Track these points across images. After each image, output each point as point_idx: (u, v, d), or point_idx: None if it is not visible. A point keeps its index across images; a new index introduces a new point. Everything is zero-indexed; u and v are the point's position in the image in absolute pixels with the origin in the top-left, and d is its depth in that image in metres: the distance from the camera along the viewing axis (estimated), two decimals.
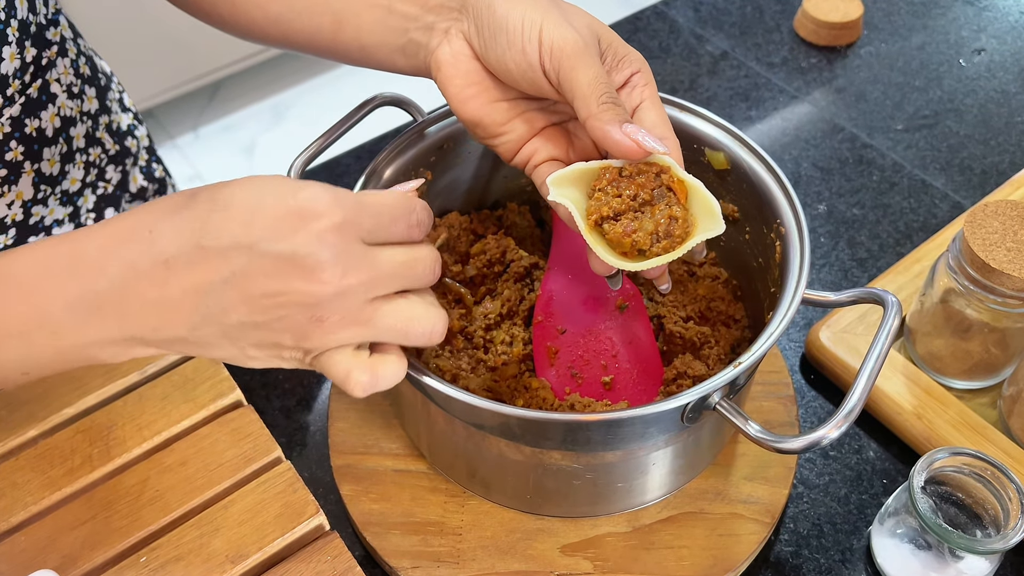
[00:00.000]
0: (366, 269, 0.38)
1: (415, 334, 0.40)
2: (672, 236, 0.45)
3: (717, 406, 0.48)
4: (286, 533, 0.51)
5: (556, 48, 0.45)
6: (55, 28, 0.63)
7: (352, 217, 0.38)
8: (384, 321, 0.39)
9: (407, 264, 0.40)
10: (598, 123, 0.44)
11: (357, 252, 0.38)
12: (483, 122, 0.50)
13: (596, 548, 0.57)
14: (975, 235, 0.59)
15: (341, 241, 0.37)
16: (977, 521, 0.56)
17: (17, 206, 0.62)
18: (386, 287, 0.39)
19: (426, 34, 0.51)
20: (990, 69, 0.94)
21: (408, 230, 0.40)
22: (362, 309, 0.39)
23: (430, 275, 0.41)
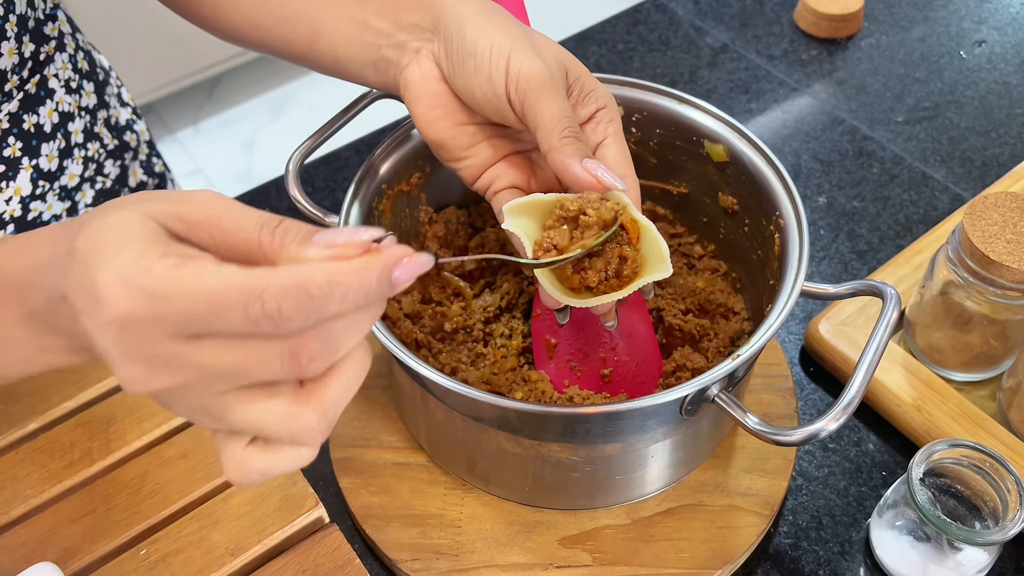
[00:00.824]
0: (178, 370, 0.31)
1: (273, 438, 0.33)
2: (620, 276, 0.46)
3: (716, 398, 0.48)
4: (286, 526, 0.51)
5: (522, 79, 0.45)
6: (53, 23, 0.63)
7: (149, 311, 0.30)
8: (232, 421, 0.33)
9: (242, 361, 0.31)
10: (559, 156, 0.45)
11: (160, 350, 0.31)
12: (447, 144, 0.50)
13: (595, 540, 0.57)
14: (975, 227, 0.58)
15: (130, 338, 0.31)
16: (976, 513, 0.56)
17: (15, 202, 0.62)
18: (224, 384, 0.32)
19: (397, 52, 0.51)
20: (991, 61, 0.94)
21: (247, 323, 0.30)
22: (207, 402, 0.32)
23: (287, 369, 0.31)
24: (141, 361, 0.31)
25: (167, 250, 0.31)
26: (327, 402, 0.33)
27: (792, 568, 0.58)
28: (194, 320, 0.30)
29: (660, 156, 0.63)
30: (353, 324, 0.32)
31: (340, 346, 0.32)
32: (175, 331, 0.30)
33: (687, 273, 0.65)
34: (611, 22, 1.00)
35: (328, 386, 0.33)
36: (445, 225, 0.64)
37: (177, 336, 0.31)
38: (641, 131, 0.62)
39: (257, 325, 0.30)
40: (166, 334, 0.31)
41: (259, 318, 0.30)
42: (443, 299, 0.63)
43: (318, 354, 0.31)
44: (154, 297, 0.30)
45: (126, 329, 0.31)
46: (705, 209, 0.64)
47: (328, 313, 0.30)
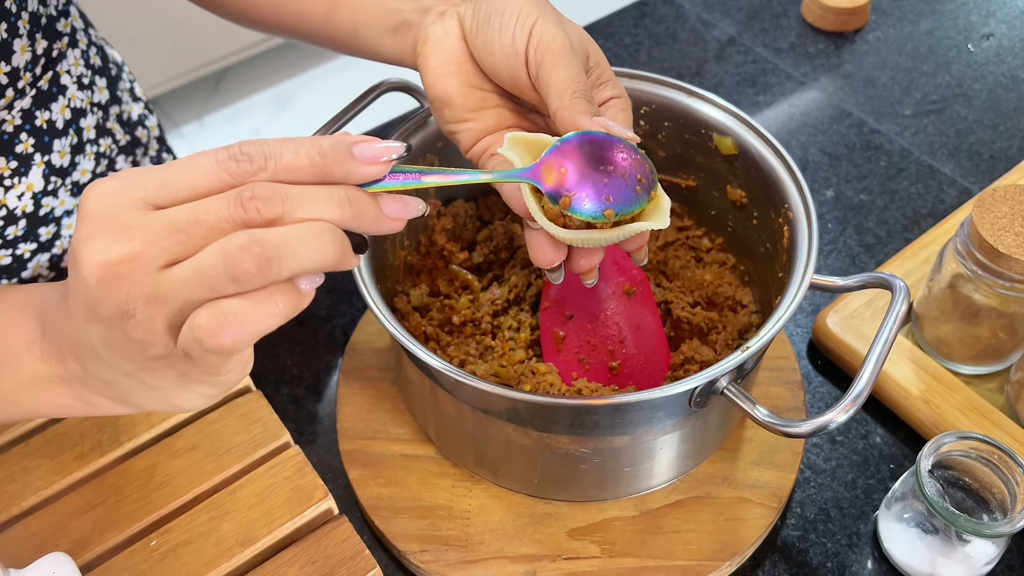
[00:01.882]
0: (137, 234, 0.32)
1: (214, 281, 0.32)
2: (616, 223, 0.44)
3: (725, 391, 0.48)
4: (295, 517, 0.51)
5: (543, 43, 0.45)
6: (65, 19, 0.63)
7: (128, 182, 0.32)
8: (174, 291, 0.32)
9: (193, 211, 0.32)
10: (567, 113, 0.44)
11: (127, 217, 0.32)
12: (454, 102, 0.50)
13: (603, 532, 0.57)
14: (984, 220, 0.58)
15: (103, 210, 0.32)
16: (984, 505, 0.56)
17: (27, 197, 0.62)
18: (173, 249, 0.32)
19: (420, 15, 0.51)
20: (999, 54, 0.94)
21: (213, 169, 0.32)
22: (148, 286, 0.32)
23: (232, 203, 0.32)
24: (107, 229, 0.33)
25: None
26: (265, 233, 0.32)
27: (800, 560, 0.58)
28: (168, 179, 0.33)
29: (668, 149, 0.63)
30: (310, 194, 0.33)
31: (290, 202, 0.33)
32: (148, 196, 0.33)
33: (695, 266, 0.65)
34: (618, 15, 1.00)
35: (269, 229, 0.32)
36: (453, 218, 0.64)
37: (148, 204, 0.33)
38: (649, 124, 0.62)
39: (222, 167, 0.33)
40: (138, 199, 0.33)
41: (224, 159, 0.33)
42: (451, 292, 0.64)
43: (263, 195, 0.32)
44: (135, 172, 0.33)
45: (101, 200, 0.33)
46: (713, 202, 0.64)
47: (283, 159, 0.33)
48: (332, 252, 0.33)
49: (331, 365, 0.69)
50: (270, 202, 0.32)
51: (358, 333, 0.68)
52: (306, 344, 0.70)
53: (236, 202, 0.32)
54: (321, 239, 0.33)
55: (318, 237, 0.33)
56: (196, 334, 0.32)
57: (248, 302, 0.32)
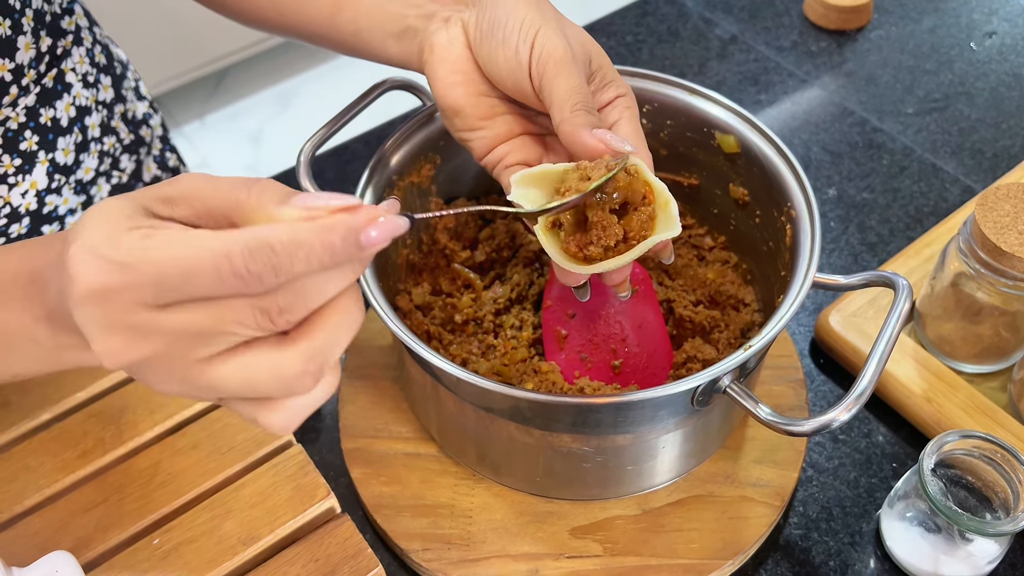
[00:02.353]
0: (154, 338, 0.32)
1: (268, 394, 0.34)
2: (628, 240, 0.45)
3: (727, 389, 0.48)
4: (297, 516, 0.51)
5: (545, 54, 0.46)
6: (70, 17, 0.63)
7: (119, 280, 0.31)
8: (222, 387, 0.33)
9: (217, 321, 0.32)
10: (568, 127, 0.45)
11: (135, 319, 0.31)
12: (464, 111, 0.50)
13: (606, 531, 0.57)
14: (986, 218, 0.58)
15: (103, 309, 0.31)
16: (987, 504, 0.56)
17: (31, 195, 0.62)
18: (202, 347, 0.32)
19: (425, 21, 0.51)
20: (1001, 52, 0.93)
21: (218, 283, 0.31)
22: (191, 372, 0.33)
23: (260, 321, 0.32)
24: (117, 332, 0.32)
25: (138, 223, 0.32)
26: (313, 347, 0.33)
27: (802, 559, 0.58)
28: (166, 286, 0.31)
29: (671, 147, 0.63)
30: (327, 279, 0.33)
31: (313, 299, 0.33)
32: (148, 299, 0.31)
33: (697, 265, 0.65)
34: (620, 14, 1.00)
35: (312, 331, 0.33)
36: (455, 217, 0.64)
37: (151, 304, 0.31)
38: (652, 122, 0.62)
39: (227, 284, 0.31)
40: (139, 302, 0.31)
41: (228, 276, 0.30)
42: (453, 291, 0.64)
43: (288, 307, 0.32)
44: (124, 267, 0.31)
45: (99, 301, 0.31)
46: (716, 200, 0.64)
47: (295, 271, 0.31)
48: (357, 329, 0.35)
49: None
50: (296, 311, 0.32)
51: (360, 331, 0.68)
52: None
53: (264, 316, 0.32)
54: (351, 328, 0.34)
55: (349, 328, 0.34)
56: (265, 426, 0.35)
57: (309, 397, 0.34)
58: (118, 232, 0.31)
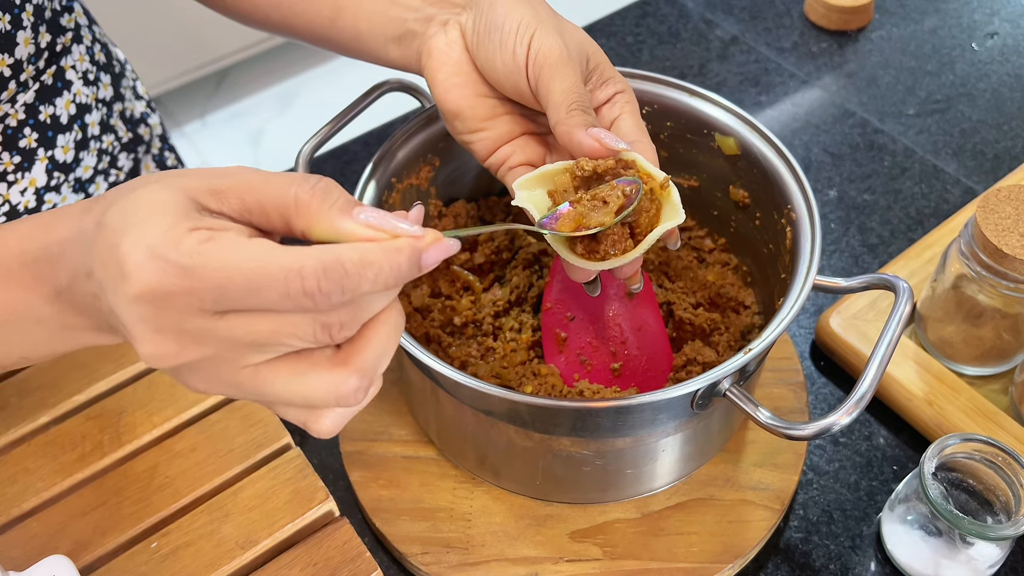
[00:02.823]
0: (208, 344, 0.31)
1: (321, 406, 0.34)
2: (635, 235, 0.46)
3: (727, 392, 0.48)
4: (296, 519, 0.51)
5: (541, 55, 0.46)
6: (70, 14, 0.63)
7: (179, 284, 0.30)
8: (271, 394, 0.33)
9: (275, 333, 0.31)
10: (564, 127, 0.45)
11: (191, 325, 0.31)
12: (465, 114, 0.50)
13: (605, 534, 0.57)
14: (988, 220, 0.58)
15: (159, 312, 0.31)
16: (988, 507, 0.56)
17: (30, 193, 0.62)
18: (256, 355, 0.32)
19: (424, 24, 0.51)
20: (1003, 53, 0.93)
21: (285, 299, 0.30)
22: (240, 376, 0.33)
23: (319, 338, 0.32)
24: (169, 336, 0.31)
25: (197, 223, 0.31)
26: (367, 362, 0.34)
27: (803, 562, 0.58)
28: (229, 295, 0.30)
29: (671, 149, 0.62)
30: (384, 295, 0.33)
31: (368, 314, 0.33)
32: (208, 305, 0.31)
33: (698, 267, 0.65)
34: (620, 14, 0.99)
35: (365, 347, 0.34)
36: (454, 219, 0.64)
37: (209, 310, 0.31)
38: (652, 124, 0.62)
39: (296, 300, 0.30)
40: (198, 308, 0.31)
41: (299, 294, 0.30)
42: (452, 293, 0.63)
43: (348, 323, 0.32)
44: (186, 271, 0.30)
45: (155, 303, 0.30)
46: (716, 202, 0.64)
47: (361, 291, 0.31)
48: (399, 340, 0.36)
49: None
50: (353, 327, 0.33)
51: None
52: None
53: (325, 333, 0.32)
54: (396, 339, 0.35)
55: (395, 340, 0.35)
56: (313, 431, 0.35)
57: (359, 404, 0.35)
58: (177, 231, 0.30)
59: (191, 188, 0.32)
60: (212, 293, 0.30)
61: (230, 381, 0.33)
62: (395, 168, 0.59)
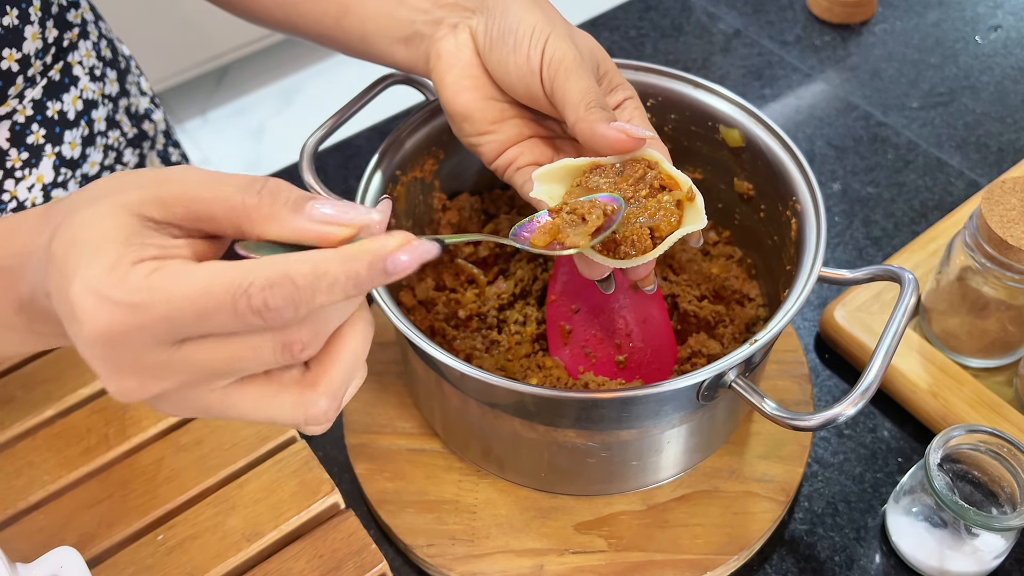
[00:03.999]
0: (170, 375, 0.31)
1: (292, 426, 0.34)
2: (654, 235, 0.45)
3: (733, 384, 0.48)
4: (301, 511, 0.51)
5: (556, 59, 0.46)
6: (76, 10, 0.63)
7: (129, 322, 0.29)
8: (240, 416, 0.33)
9: (235, 358, 0.31)
10: (585, 124, 0.45)
11: (149, 360, 0.30)
12: (473, 116, 0.50)
13: (610, 526, 0.57)
14: (992, 212, 0.58)
15: (114, 352, 0.30)
16: (993, 499, 0.56)
17: (38, 189, 0.62)
18: (221, 379, 0.32)
19: (432, 27, 0.51)
20: (1006, 46, 0.93)
21: (235, 320, 0.29)
22: (207, 400, 0.32)
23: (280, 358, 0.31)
24: (130, 372, 0.30)
25: (141, 252, 0.30)
26: (335, 382, 0.33)
27: (807, 554, 0.58)
28: (180, 325, 0.29)
29: (675, 141, 0.62)
30: (346, 304, 0.32)
31: (330, 326, 0.32)
32: (161, 338, 0.30)
33: (702, 259, 0.65)
34: (623, 8, 0.99)
35: (332, 366, 0.33)
36: (459, 212, 0.64)
37: (164, 343, 0.30)
38: (656, 116, 0.62)
39: (245, 320, 0.29)
40: (152, 343, 0.30)
41: (246, 313, 0.29)
42: (457, 286, 0.63)
43: (310, 341, 0.31)
44: (133, 308, 0.29)
45: (109, 344, 0.30)
46: (720, 195, 0.64)
47: (316, 303, 0.30)
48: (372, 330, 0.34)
49: None
50: (317, 343, 0.32)
51: None
52: None
53: (286, 353, 0.31)
54: (369, 342, 0.34)
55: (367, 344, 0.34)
56: (302, 430, 0.34)
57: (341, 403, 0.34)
58: (121, 265, 0.29)
59: (135, 204, 0.31)
60: (163, 326, 0.29)
61: (198, 406, 0.32)
62: (399, 161, 0.59)
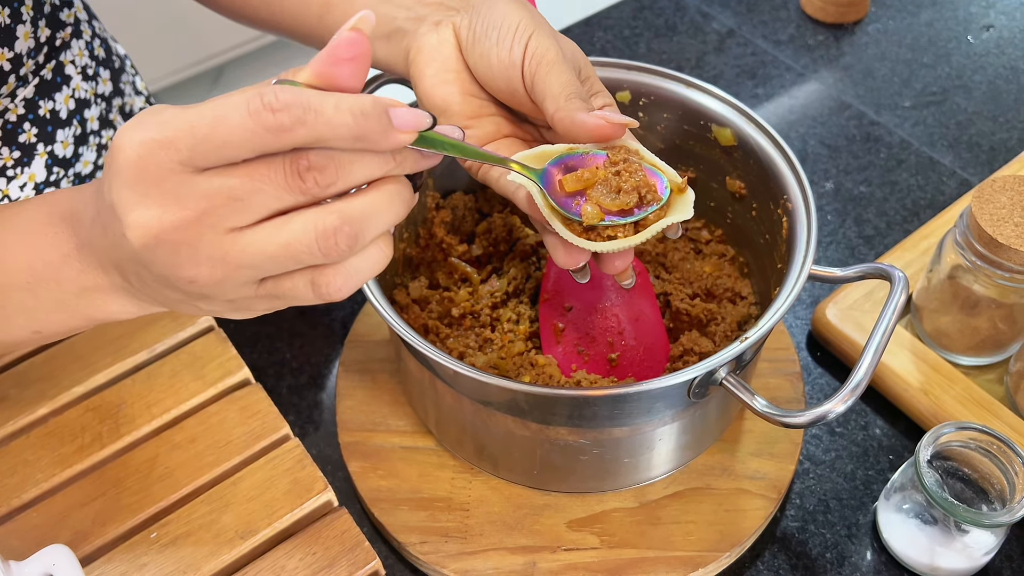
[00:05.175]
0: (188, 202, 0.32)
1: (305, 255, 0.33)
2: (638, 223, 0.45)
3: (724, 381, 0.48)
4: (295, 509, 0.51)
5: (538, 54, 0.46)
6: (69, 9, 0.63)
7: (157, 136, 0.32)
8: (257, 255, 0.33)
9: (251, 177, 0.32)
10: (565, 113, 0.45)
11: (171, 182, 0.32)
12: (452, 110, 0.50)
13: (603, 523, 0.57)
14: (983, 210, 0.58)
15: (141, 172, 0.32)
16: (983, 496, 0.56)
17: (30, 188, 0.62)
18: (235, 215, 0.33)
19: (415, 24, 0.51)
20: (999, 45, 0.93)
21: (248, 119, 0.31)
22: (224, 246, 0.33)
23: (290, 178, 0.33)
24: (152, 197, 0.32)
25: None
26: (352, 208, 0.34)
27: (799, 551, 0.58)
28: (199, 138, 0.31)
29: (667, 140, 0.63)
30: (361, 157, 0.33)
31: (345, 170, 0.33)
32: (184, 158, 0.32)
33: (694, 258, 0.65)
34: (617, 7, 0.99)
35: (353, 198, 0.34)
36: (452, 211, 0.64)
37: (187, 165, 0.32)
38: (648, 115, 0.62)
39: (260, 119, 0.31)
40: (175, 163, 0.32)
41: (259, 110, 0.31)
42: (450, 285, 0.64)
43: (318, 164, 0.33)
44: (162, 124, 0.32)
45: (137, 165, 0.32)
46: (712, 193, 0.64)
47: (324, 111, 0.32)
48: (404, 210, 0.36)
49: (331, 357, 0.69)
50: (326, 172, 0.33)
51: (358, 326, 0.68)
52: (306, 337, 0.70)
53: (293, 171, 0.32)
54: (394, 203, 0.35)
55: (392, 203, 0.35)
56: (320, 289, 0.35)
57: (365, 259, 0.35)
58: (160, 108, 0.33)
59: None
60: (185, 139, 0.31)
61: (214, 254, 0.33)
62: None
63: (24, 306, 0.40)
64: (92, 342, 0.58)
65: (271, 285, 0.35)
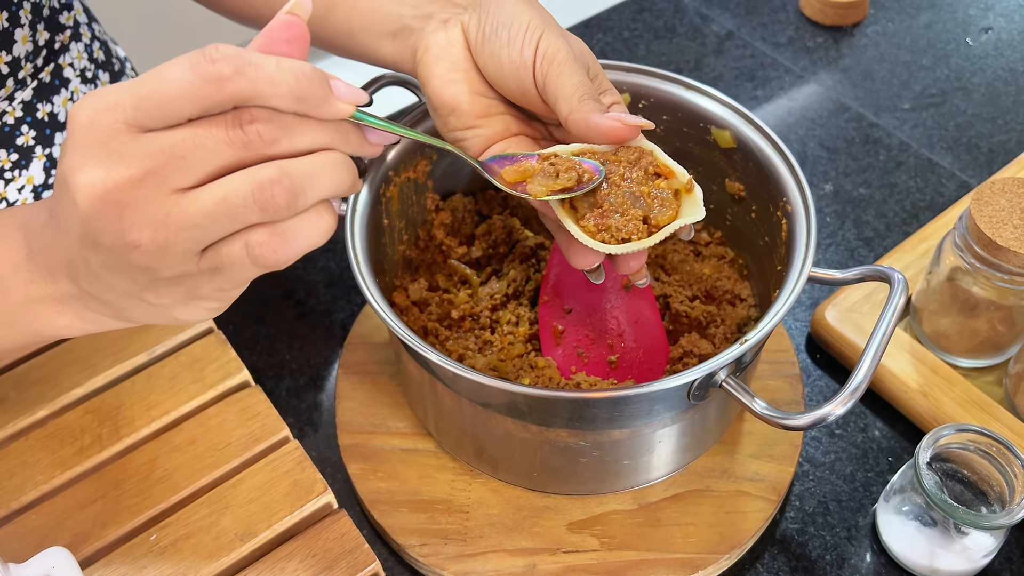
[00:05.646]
0: (132, 160, 0.32)
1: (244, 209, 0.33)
2: (649, 222, 0.45)
3: (723, 383, 0.48)
4: (294, 511, 0.51)
5: (549, 54, 0.47)
6: (68, 12, 0.63)
7: (104, 101, 0.32)
8: (200, 215, 0.33)
9: (194, 135, 0.32)
10: (579, 115, 0.45)
11: (117, 142, 0.32)
12: (461, 108, 0.50)
13: (603, 525, 0.57)
14: (982, 212, 0.58)
15: (87, 135, 0.32)
16: (982, 498, 0.56)
17: (28, 191, 0.62)
18: (177, 175, 0.32)
19: (422, 22, 0.51)
20: (997, 48, 0.94)
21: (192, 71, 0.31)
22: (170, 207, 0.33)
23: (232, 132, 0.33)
24: (99, 157, 0.32)
25: None
26: (291, 165, 0.33)
27: (799, 553, 0.58)
28: (143, 95, 0.32)
29: (667, 142, 0.63)
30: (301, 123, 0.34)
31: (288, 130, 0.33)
32: (128, 117, 0.32)
33: (694, 260, 0.65)
34: (616, 9, 1.00)
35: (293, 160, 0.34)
36: (452, 213, 0.64)
37: (131, 125, 0.32)
38: (648, 117, 0.62)
39: (198, 70, 0.31)
40: (121, 122, 0.32)
41: (199, 62, 0.31)
42: (450, 287, 0.64)
43: (262, 117, 0.33)
44: (110, 91, 0.32)
45: (87, 128, 0.32)
46: (712, 196, 0.64)
47: (265, 67, 0.32)
48: (347, 181, 0.35)
49: (330, 360, 0.69)
50: (269, 126, 0.33)
51: (357, 328, 0.68)
52: (305, 339, 0.70)
53: (235, 124, 0.32)
54: (338, 170, 0.35)
55: (335, 168, 0.35)
56: (254, 251, 0.34)
57: (302, 223, 0.35)
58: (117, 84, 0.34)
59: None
60: (131, 100, 0.32)
61: (157, 216, 0.33)
62: (393, 162, 0.59)
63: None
64: (92, 344, 0.58)
65: (211, 254, 0.35)
